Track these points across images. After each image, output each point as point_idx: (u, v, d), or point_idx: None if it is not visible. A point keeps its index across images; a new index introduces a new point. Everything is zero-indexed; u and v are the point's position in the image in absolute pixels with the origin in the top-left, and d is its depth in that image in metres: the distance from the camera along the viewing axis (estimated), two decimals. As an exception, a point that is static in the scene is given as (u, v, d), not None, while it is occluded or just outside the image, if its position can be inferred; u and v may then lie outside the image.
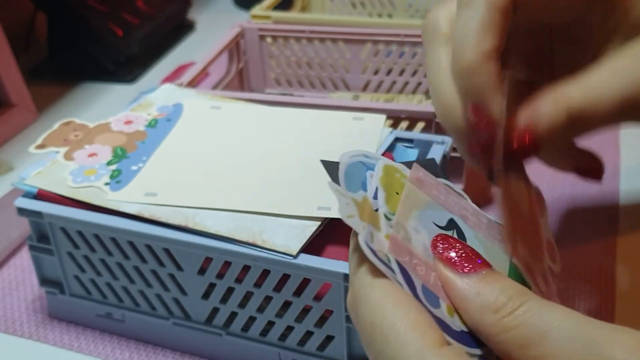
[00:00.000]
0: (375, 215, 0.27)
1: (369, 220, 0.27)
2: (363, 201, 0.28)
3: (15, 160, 0.64)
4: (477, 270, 0.24)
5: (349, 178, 0.28)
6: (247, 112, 0.49)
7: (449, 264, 0.25)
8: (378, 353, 0.23)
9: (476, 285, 0.24)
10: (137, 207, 0.39)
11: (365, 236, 0.26)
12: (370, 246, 0.25)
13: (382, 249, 0.26)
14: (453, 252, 0.25)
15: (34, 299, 0.48)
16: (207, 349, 0.42)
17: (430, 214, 0.29)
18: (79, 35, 0.77)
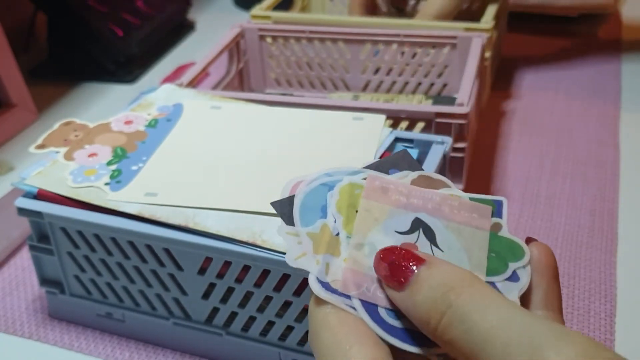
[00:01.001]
0: (335, 241, 0.27)
1: (326, 249, 0.27)
2: (321, 230, 0.28)
3: (16, 160, 0.64)
4: (408, 280, 0.24)
5: (306, 209, 0.28)
6: (247, 112, 0.49)
7: (387, 280, 0.25)
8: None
9: (410, 296, 0.23)
10: (137, 207, 0.39)
11: (318, 271, 0.26)
12: (322, 280, 0.26)
13: (339, 277, 0.26)
14: (386, 269, 0.25)
15: (34, 298, 0.48)
16: (207, 349, 0.42)
17: (392, 223, 0.28)
18: (79, 36, 0.77)
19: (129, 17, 0.79)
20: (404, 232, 0.28)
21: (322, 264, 0.26)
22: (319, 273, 0.26)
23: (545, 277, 0.26)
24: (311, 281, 0.26)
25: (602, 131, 0.63)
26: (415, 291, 0.23)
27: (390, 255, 0.25)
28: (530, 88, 0.72)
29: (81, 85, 0.78)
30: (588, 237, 0.51)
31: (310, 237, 0.27)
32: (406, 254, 0.24)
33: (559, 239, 0.51)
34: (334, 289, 0.26)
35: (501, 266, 0.27)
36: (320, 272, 0.26)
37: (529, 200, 0.55)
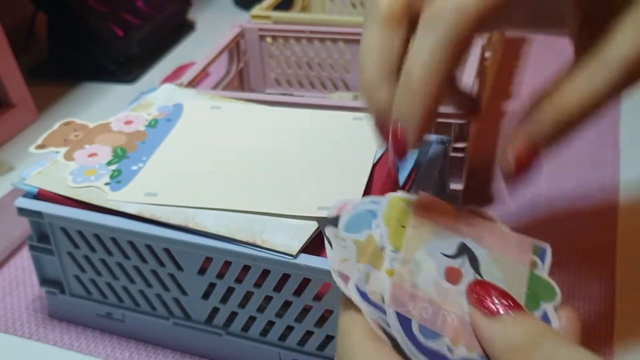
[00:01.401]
0: (378, 254, 0.27)
1: (369, 260, 0.27)
2: (367, 240, 0.28)
3: (16, 160, 0.64)
4: (507, 312, 0.25)
5: (352, 226, 0.28)
6: (247, 112, 0.49)
7: (483, 308, 0.26)
8: None
9: (505, 326, 0.25)
10: (137, 207, 0.39)
11: (357, 279, 0.26)
12: (361, 289, 0.26)
13: (377, 290, 0.26)
14: (488, 299, 0.26)
15: (34, 298, 0.48)
16: (207, 349, 0.42)
17: (438, 244, 0.28)
18: (79, 36, 0.77)
19: (129, 17, 0.79)
20: (450, 256, 0.28)
21: (362, 272, 0.26)
22: (358, 281, 0.26)
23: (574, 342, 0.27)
24: (351, 289, 0.26)
25: (602, 131, 0.63)
26: (513, 324, 0.25)
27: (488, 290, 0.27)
28: (530, 88, 0.72)
29: (81, 85, 0.78)
30: (588, 237, 0.51)
31: (355, 244, 0.27)
32: (506, 298, 0.26)
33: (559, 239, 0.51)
34: (372, 300, 0.26)
35: (534, 304, 0.28)
36: (360, 281, 0.26)
37: (529, 200, 0.55)
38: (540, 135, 0.29)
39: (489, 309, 0.26)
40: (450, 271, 0.27)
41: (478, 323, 0.26)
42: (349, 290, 0.26)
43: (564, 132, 0.29)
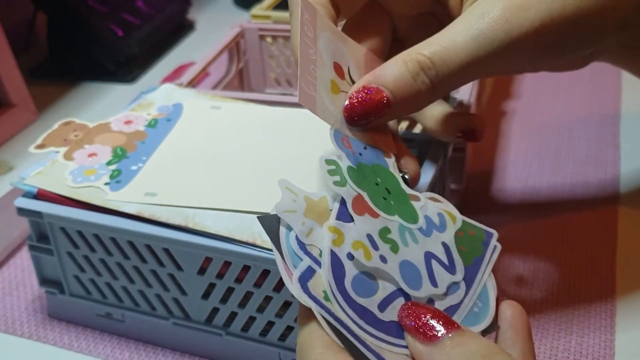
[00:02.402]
0: (326, 214, 0.28)
1: (315, 217, 0.27)
2: (319, 200, 0.28)
3: (15, 160, 0.64)
4: (442, 336, 0.25)
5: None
6: (247, 112, 0.49)
7: (416, 334, 0.25)
8: None
9: (444, 353, 0.24)
10: (137, 207, 0.39)
11: (299, 231, 0.26)
12: (301, 240, 0.26)
13: (317, 245, 0.26)
14: (418, 319, 0.26)
15: (34, 298, 0.48)
16: (207, 349, 0.42)
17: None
18: (79, 36, 0.77)
19: (129, 17, 0.79)
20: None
21: (306, 226, 0.27)
22: (300, 233, 0.26)
23: (521, 334, 0.27)
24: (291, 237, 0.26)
25: (602, 131, 0.63)
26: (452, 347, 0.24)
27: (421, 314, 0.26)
28: (530, 88, 0.72)
29: (81, 85, 0.78)
30: (588, 237, 0.51)
31: (306, 201, 0.28)
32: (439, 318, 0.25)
33: (559, 239, 0.51)
34: (309, 251, 0.26)
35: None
36: (302, 233, 0.26)
37: (529, 200, 0.55)
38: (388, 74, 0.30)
39: (426, 336, 0.25)
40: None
41: (418, 350, 0.25)
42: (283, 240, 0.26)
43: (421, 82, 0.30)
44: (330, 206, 0.28)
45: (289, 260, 0.26)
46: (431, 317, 0.25)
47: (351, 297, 0.26)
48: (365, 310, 0.26)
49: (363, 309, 0.26)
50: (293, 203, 0.27)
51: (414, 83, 0.30)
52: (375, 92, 0.30)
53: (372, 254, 0.27)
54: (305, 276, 0.26)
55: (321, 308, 0.25)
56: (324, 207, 0.28)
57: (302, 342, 0.26)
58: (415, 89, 0.30)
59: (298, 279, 0.26)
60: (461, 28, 0.30)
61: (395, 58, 0.30)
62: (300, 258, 0.26)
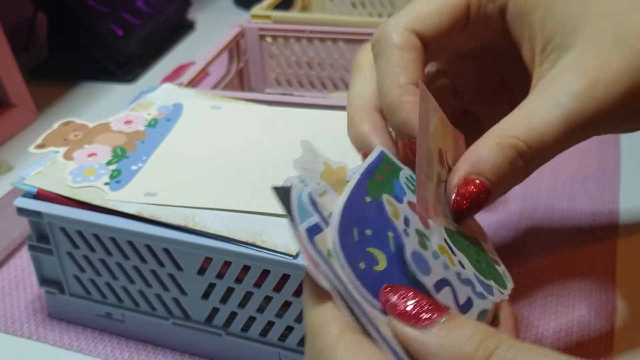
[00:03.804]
0: (343, 183, 0.27)
1: (332, 183, 0.27)
2: (338, 169, 0.28)
3: (15, 160, 0.64)
4: (434, 320, 0.23)
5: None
6: (247, 112, 0.49)
7: (404, 318, 0.24)
8: None
9: (437, 337, 0.23)
10: (137, 207, 0.39)
11: (313, 189, 0.26)
12: (313, 198, 0.25)
13: (328, 207, 0.26)
14: (405, 302, 0.24)
15: (34, 298, 0.48)
16: (206, 349, 0.42)
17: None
18: (79, 35, 0.77)
19: (129, 17, 0.79)
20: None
21: (321, 187, 0.26)
22: (314, 191, 0.26)
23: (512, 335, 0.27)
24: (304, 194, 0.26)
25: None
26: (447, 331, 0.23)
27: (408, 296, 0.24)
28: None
29: (81, 85, 0.78)
30: (588, 237, 0.51)
31: (324, 165, 0.27)
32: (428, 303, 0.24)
33: (559, 239, 0.51)
34: (320, 210, 0.25)
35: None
36: (315, 192, 0.26)
37: (529, 200, 0.55)
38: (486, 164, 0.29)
39: (417, 319, 0.23)
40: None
41: (406, 335, 0.23)
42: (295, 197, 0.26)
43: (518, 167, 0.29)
44: (348, 177, 0.28)
45: (298, 218, 0.25)
46: (419, 300, 0.24)
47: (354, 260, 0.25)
48: (365, 272, 0.25)
49: (364, 271, 0.25)
50: (311, 163, 0.27)
51: (511, 168, 0.29)
52: (479, 184, 0.29)
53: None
54: (313, 230, 0.25)
55: (324, 262, 0.24)
56: (342, 176, 0.28)
57: (314, 323, 0.25)
58: (512, 174, 0.29)
59: (305, 230, 0.25)
60: (550, 106, 0.29)
61: (488, 141, 0.29)
62: (311, 214, 0.25)
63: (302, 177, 0.26)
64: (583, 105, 0.29)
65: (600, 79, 0.29)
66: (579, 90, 0.29)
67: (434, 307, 0.24)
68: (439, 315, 0.23)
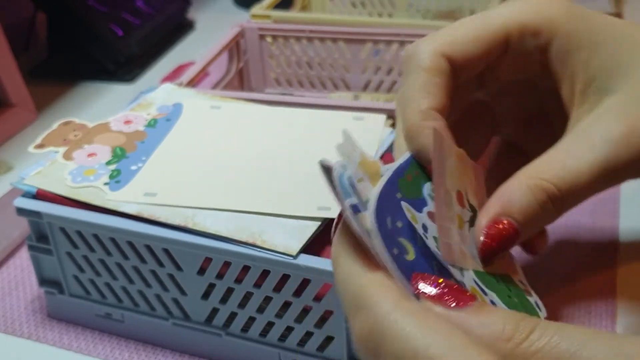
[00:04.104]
0: (376, 176, 0.28)
1: (367, 173, 0.27)
2: (373, 162, 0.28)
3: (15, 160, 0.64)
4: (469, 304, 0.23)
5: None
6: (247, 112, 0.49)
7: (439, 301, 0.24)
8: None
9: (476, 317, 0.23)
10: (137, 207, 0.39)
11: (353, 174, 0.26)
12: (353, 182, 0.26)
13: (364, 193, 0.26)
14: (438, 289, 0.24)
15: (33, 299, 0.48)
16: (206, 349, 0.42)
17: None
18: (79, 35, 0.77)
19: (129, 17, 0.79)
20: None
21: (359, 174, 0.27)
22: (353, 175, 0.26)
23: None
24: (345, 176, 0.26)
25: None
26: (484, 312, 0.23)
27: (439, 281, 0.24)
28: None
29: (81, 85, 0.78)
30: (588, 237, 0.51)
31: (361, 157, 0.28)
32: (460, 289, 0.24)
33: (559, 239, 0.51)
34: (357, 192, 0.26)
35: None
36: (355, 176, 0.26)
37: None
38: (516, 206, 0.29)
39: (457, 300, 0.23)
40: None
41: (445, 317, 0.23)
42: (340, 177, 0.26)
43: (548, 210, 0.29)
44: (382, 172, 0.28)
45: (342, 194, 0.25)
46: (451, 286, 0.24)
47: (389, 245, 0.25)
48: (398, 258, 0.25)
49: (397, 257, 0.25)
50: (352, 151, 0.27)
51: (541, 211, 0.29)
52: (507, 226, 0.28)
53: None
54: (355, 208, 0.25)
55: (368, 237, 0.25)
56: (376, 169, 0.28)
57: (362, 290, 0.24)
58: (541, 217, 0.29)
59: (350, 206, 0.25)
60: (586, 151, 0.29)
61: (519, 182, 0.29)
62: (350, 194, 0.26)
63: (342, 162, 0.27)
64: (620, 152, 0.29)
65: (637, 125, 0.29)
66: (617, 136, 0.29)
67: (466, 294, 0.24)
68: (472, 301, 0.23)
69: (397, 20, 0.67)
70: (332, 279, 0.35)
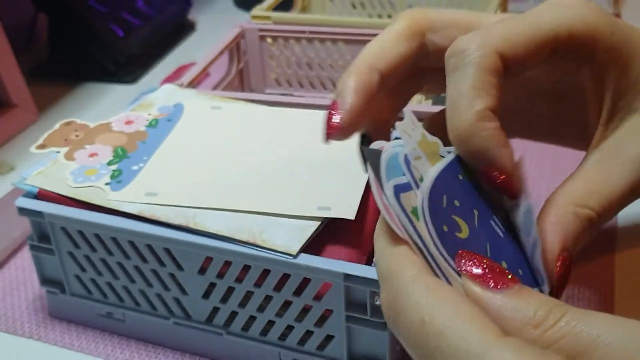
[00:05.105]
0: (436, 156, 0.28)
1: (427, 152, 0.28)
2: (432, 142, 0.28)
3: (16, 160, 0.64)
4: (509, 286, 0.24)
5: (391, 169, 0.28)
6: (248, 112, 0.49)
7: (479, 280, 0.24)
8: (432, 352, 0.23)
9: (511, 301, 0.23)
10: (138, 207, 0.40)
11: (409, 151, 0.26)
12: (409, 159, 0.26)
13: (420, 170, 0.27)
14: (480, 268, 0.25)
15: (35, 298, 0.48)
16: (207, 349, 0.42)
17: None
18: (80, 36, 0.77)
19: (129, 18, 0.79)
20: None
21: (416, 152, 0.27)
22: (410, 152, 0.27)
23: None
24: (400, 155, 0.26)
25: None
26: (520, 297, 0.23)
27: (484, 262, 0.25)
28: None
29: (82, 86, 0.78)
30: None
31: (422, 136, 0.28)
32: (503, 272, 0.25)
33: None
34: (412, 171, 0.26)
35: None
36: (412, 154, 0.27)
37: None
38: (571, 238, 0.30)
39: (496, 283, 0.24)
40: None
41: (478, 295, 0.24)
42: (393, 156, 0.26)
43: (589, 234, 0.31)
44: (441, 152, 0.29)
45: (385, 176, 0.26)
46: (495, 267, 0.25)
47: (439, 222, 0.25)
48: (447, 235, 0.25)
49: (446, 234, 0.25)
50: (412, 129, 0.28)
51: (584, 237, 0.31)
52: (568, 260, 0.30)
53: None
54: (401, 187, 0.26)
55: (405, 217, 0.25)
56: (435, 149, 0.28)
57: (388, 265, 0.25)
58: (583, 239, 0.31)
59: (393, 186, 0.25)
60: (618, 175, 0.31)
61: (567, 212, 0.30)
62: (403, 173, 0.26)
63: (397, 142, 0.27)
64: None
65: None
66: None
67: (508, 276, 0.24)
68: (513, 284, 0.24)
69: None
70: (332, 278, 0.36)
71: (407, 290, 0.24)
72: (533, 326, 0.22)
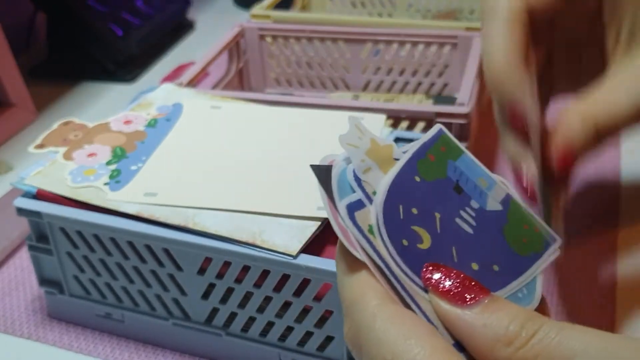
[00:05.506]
0: (390, 162, 0.27)
1: (378, 160, 0.27)
2: (385, 147, 0.27)
3: (15, 160, 0.64)
4: (479, 300, 0.23)
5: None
6: (247, 112, 0.49)
7: (446, 296, 0.23)
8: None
9: (481, 317, 0.22)
10: (137, 207, 0.39)
11: (357, 166, 0.26)
12: (357, 174, 0.25)
13: (372, 184, 0.26)
14: (448, 282, 0.24)
15: (33, 299, 0.48)
16: (206, 349, 0.42)
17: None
18: (79, 35, 0.77)
19: (129, 17, 0.79)
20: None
21: (365, 164, 0.26)
22: (357, 167, 0.26)
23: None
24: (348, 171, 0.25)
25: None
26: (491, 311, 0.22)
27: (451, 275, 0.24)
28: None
29: (81, 85, 0.78)
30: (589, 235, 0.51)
31: (371, 142, 0.27)
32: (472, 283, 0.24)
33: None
34: (363, 187, 0.25)
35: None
36: (359, 168, 0.26)
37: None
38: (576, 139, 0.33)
39: (463, 299, 0.23)
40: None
41: (446, 312, 0.23)
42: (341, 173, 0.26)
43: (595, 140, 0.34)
44: (396, 156, 0.27)
45: (337, 195, 0.25)
46: (463, 280, 0.24)
47: (397, 236, 0.25)
48: (408, 249, 0.25)
49: (406, 248, 0.25)
50: (358, 140, 0.27)
51: (589, 139, 0.34)
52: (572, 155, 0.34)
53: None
54: (354, 206, 0.25)
55: (363, 237, 0.24)
56: (388, 154, 0.27)
57: (351, 294, 0.24)
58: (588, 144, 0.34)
59: (346, 206, 0.25)
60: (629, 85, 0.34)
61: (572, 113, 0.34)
62: (354, 190, 0.25)
63: (346, 154, 0.26)
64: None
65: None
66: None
67: (477, 288, 0.23)
68: (483, 296, 0.23)
69: (397, 20, 0.67)
70: (332, 278, 0.35)
71: (368, 325, 0.23)
72: (505, 344, 0.21)
